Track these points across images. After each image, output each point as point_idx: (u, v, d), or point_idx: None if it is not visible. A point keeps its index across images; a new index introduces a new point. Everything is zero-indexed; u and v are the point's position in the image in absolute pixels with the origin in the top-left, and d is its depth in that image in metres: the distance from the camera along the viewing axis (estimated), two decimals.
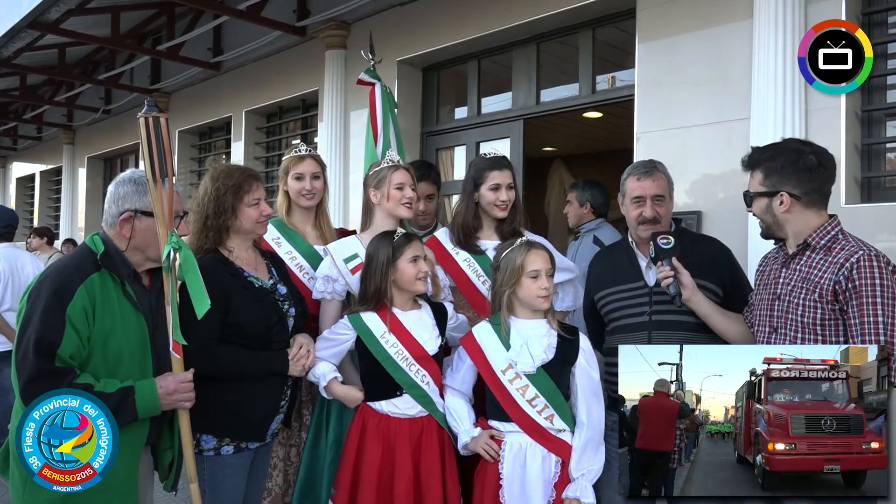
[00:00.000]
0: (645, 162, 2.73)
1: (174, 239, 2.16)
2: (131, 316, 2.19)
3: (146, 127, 2.20)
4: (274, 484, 2.97)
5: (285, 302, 2.60)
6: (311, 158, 3.13)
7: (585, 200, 4.24)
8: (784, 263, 2.28)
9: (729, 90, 3.81)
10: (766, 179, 2.24)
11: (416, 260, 2.57)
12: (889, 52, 3.51)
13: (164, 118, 2.23)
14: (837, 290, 2.08)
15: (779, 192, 2.20)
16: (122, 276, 2.19)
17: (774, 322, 2.25)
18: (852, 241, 2.14)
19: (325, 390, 2.63)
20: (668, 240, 2.49)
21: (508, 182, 2.90)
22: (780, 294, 2.24)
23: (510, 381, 2.45)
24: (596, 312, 2.79)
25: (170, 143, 2.25)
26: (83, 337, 2.07)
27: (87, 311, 2.07)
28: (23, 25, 6.22)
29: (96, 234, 2.26)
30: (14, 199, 14.03)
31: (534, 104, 5.23)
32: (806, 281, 2.16)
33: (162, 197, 2.17)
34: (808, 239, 2.19)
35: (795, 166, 2.19)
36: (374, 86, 3.85)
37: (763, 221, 2.30)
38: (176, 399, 2.20)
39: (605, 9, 4.57)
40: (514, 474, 2.41)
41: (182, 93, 8.52)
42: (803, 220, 2.21)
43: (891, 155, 3.59)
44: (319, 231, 3.16)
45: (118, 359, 2.14)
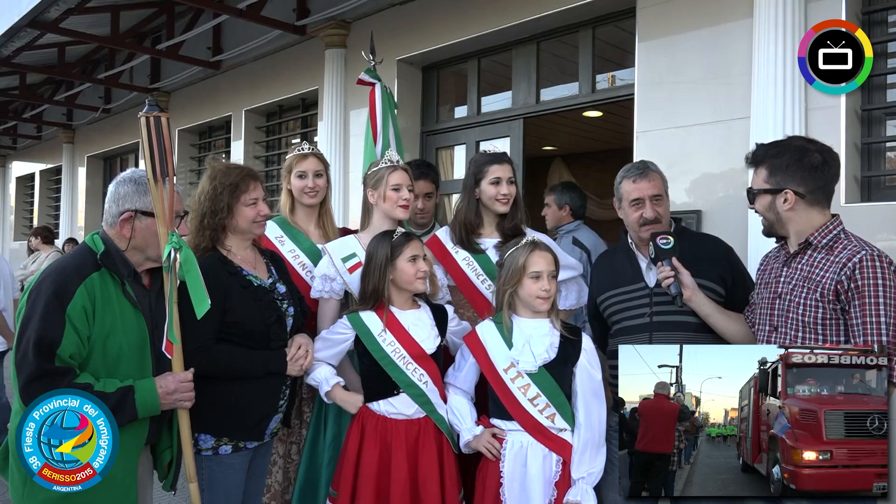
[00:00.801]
0: (637, 164, 2.73)
1: (175, 238, 2.16)
2: (131, 315, 2.19)
3: (147, 126, 2.20)
4: (274, 480, 2.98)
5: (284, 301, 2.60)
6: (313, 156, 3.14)
7: (564, 203, 4.30)
8: (785, 262, 2.27)
9: (729, 89, 3.80)
10: (771, 177, 2.23)
11: (414, 259, 2.57)
12: (889, 52, 3.51)
13: (166, 118, 2.23)
14: (839, 290, 2.07)
15: (783, 190, 2.20)
16: (122, 275, 2.19)
17: (775, 321, 2.25)
18: (854, 241, 2.14)
19: (326, 396, 2.64)
20: (668, 240, 2.49)
21: (509, 176, 2.90)
22: (782, 293, 2.23)
23: (512, 380, 2.45)
24: (600, 315, 2.79)
25: (171, 143, 2.25)
26: (83, 336, 2.07)
27: (86, 311, 2.07)
28: (22, 24, 6.22)
29: (96, 234, 2.26)
30: (14, 198, 14.03)
31: (534, 103, 5.23)
32: (807, 280, 2.15)
33: (163, 196, 2.17)
34: (810, 238, 2.18)
35: (800, 164, 2.19)
36: (374, 86, 3.85)
37: (765, 219, 2.30)
38: (176, 399, 2.20)
39: (605, 8, 4.57)
40: (515, 473, 2.41)
41: (182, 92, 8.51)
42: (806, 218, 2.20)
43: (891, 154, 3.59)
44: (323, 230, 3.17)
45: (118, 358, 2.14)
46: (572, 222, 4.24)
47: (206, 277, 2.36)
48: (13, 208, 14.01)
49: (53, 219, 12.11)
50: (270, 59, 7.07)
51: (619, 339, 2.63)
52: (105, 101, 9.82)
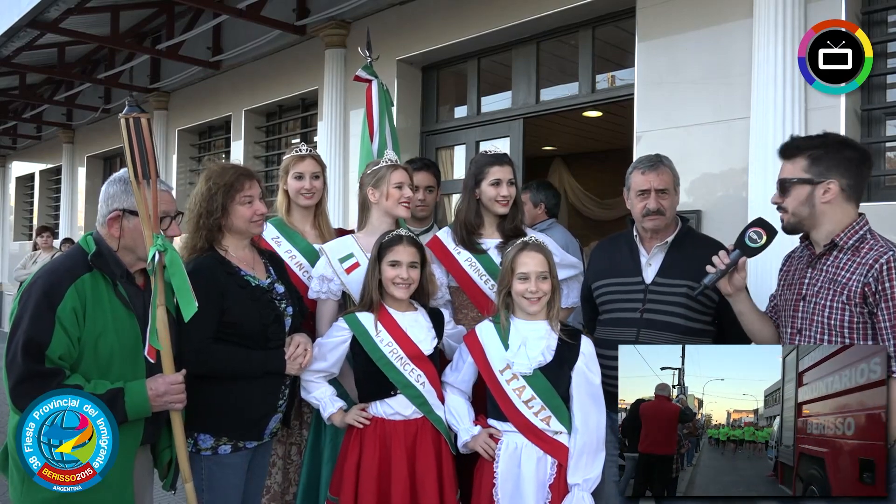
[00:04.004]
0: (651, 156, 2.73)
1: (159, 241, 2.13)
2: (123, 317, 2.17)
3: (127, 128, 2.16)
4: (273, 482, 2.98)
5: (283, 301, 2.59)
6: (311, 158, 3.14)
7: (540, 201, 4.31)
8: (810, 263, 2.22)
9: (729, 89, 3.80)
10: (813, 167, 2.15)
11: (394, 265, 2.56)
12: (889, 52, 3.50)
13: (146, 119, 2.18)
14: (867, 293, 2.02)
15: (825, 181, 2.13)
16: (115, 276, 2.17)
17: (798, 323, 2.19)
18: (881, 242, 2.09)
19: (327, 419, 2.63)
20: (761, 236, 2.26)
21: (509, 177, 2.91)
22: (806, 295, 2.18)
23: (507, 382, 2.45)
24: (592, 299, 2.81)
25: (152, 144, 2.20)
26: (73, 338, 2.05)
27: (77, 312, 2.06)
28: (22, 24, 6.22)
29: (90, 235, 2.25)
30: (14, 198, 14.02)
31: (533, 103, 5.23)
32: (833, 282, 2.10)
33: (146, 198, 2.14)
34: (836, 239, 2.12)
35: (843, 156, 2.14)
36: (371, 83, 3.85)
37: (795, 213, 2.18)
38: (166, 401, 2.17)
39: (605, 8, 4.57)
40: (509, 473, 2.41)
41: (181, 92, 8.51)
42: (842, 213, 2.14)
43: (891, 154, 3.59)
44: (319, 230, 3.17)
45: (110, 360, 2.12)
46: (546, 220, 4.27)
47: (204, 277, 2.36)
48: (13, 208, 14.01)
49: (53, 219, 12.10)
50: (270, 59, 7.07)
51: (606, 329, 2.66)
52: (105, 101, 9.82)
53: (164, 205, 2.23)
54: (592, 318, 2.83)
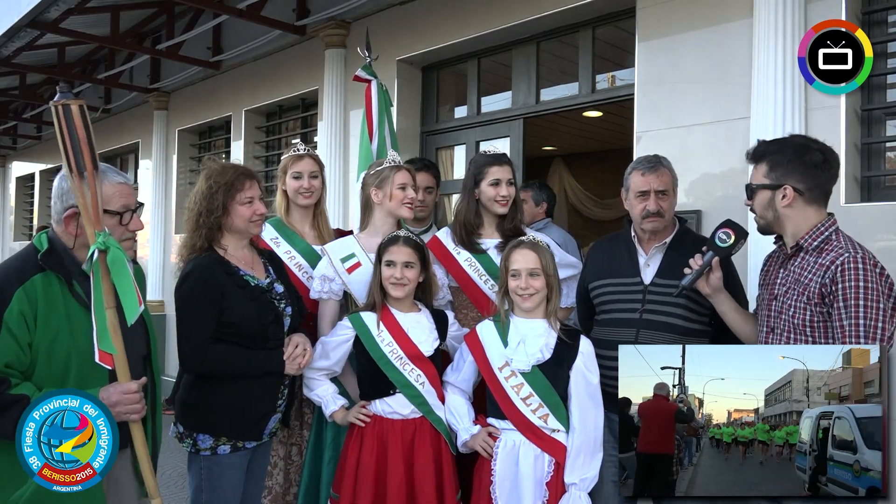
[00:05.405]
0: (650, 157, 2.73)
1: (101, 238, 1.97)
2: (81, 318, 2.02)
3: (57, 116, 1.93)
4: (274, 482, 2.98)
5: (282, 301, 2.60)
6: (309, 157, 3.15)
7: (542, 200, 4.37)
8: (782, 264, 2.28)
9: (729, 89, 3.80)
10: (771, 172, 2.22)
11: (390, 264, 2.58)
12: (889, 52, 3.50)
13: (77, 105, 1.94)
14: (824, 293, 2.08)
15: (782, 186, 2.19)
16: (70, 275, 2.04)
17: (771, 322, 2.26)
18: (842, 243, 2.13)
19: (329, 417, 2.64)
20: (729, 236, 2.36)
21: (508, 178, 2.91)
22: (777, 294, 2.25)
23: (506, 379, 2.46)
24: (589, 299, 2.81)
25: (87, 133, 1.96)
26: (23, 343, 1.94)
27: (26, 316, 1.94)
28: (22, 24, 6.21)
29: (44, 233, 2.12)
30: (14, 198, 14.03)
31: (533, 103, 5.22)
32: (797, 283, 2.17)
33: (84, 193, 1.95)
34: (801, 241, 2.19)
35: (801, 161, 2.18)
36: (371, 83, 3.85)
37: (762, 216, 2.28)
38: (120, 412, 2.00)
39: (605, 8, 4.57)
40: (507, 471, 2.42)
41: (182, 92, 8.51)
42: (803, 216, 2.20)
43: (891, 154, 3.59)
44: (317, 231, 3.17)
45: (66, 364, 2.01)
46: (543, 219, 4.31)
47: (204, 277, 2.36)
48: (13, 208, 14.01)
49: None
50: (270, 59, 7.07)
51: (604, 330, 2.66)
52: (105, 102, 9.82)
53: (123, 198, 2.11)
54: (588, 317, 2.83)
